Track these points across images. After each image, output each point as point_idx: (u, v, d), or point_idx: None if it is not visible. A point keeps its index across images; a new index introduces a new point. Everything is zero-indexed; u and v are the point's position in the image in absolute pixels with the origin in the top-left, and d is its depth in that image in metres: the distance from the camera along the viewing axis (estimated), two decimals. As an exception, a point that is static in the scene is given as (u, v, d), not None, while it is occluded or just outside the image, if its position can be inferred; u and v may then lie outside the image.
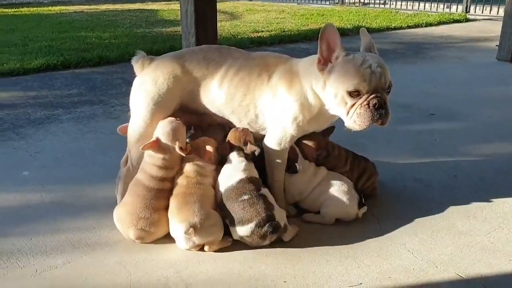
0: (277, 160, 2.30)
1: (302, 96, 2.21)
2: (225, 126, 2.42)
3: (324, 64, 2.12)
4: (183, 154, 2.19)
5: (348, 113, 2.09)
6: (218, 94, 2.30)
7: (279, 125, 2.26)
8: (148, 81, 2.30)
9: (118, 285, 1.86)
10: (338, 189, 2.31)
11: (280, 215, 2.11)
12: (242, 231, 2.06)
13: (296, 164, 2.33)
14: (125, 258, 2.02)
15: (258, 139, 2.38)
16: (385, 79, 2.07)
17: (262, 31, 7.65)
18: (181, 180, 2.18)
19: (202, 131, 2.46)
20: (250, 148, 2.24)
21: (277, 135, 2.27)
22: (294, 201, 2.42)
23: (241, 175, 2.16)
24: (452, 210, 2.45)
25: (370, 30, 7.70)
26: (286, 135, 2.26)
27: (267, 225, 2.03)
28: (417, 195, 2.63)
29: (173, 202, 2.12)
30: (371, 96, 2.04)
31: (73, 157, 3.03)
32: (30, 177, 2.76)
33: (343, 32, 7.42)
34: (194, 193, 2.11)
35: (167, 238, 2.13)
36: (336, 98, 2.09)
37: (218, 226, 2.08)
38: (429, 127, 3.68)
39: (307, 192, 2.37)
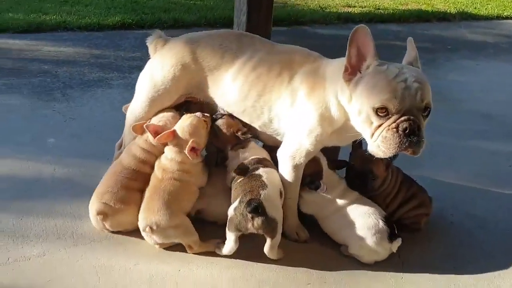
0: (290, 177, 1.99)
1: (324, 105, 1.86)
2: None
3: (352, 73, 1.76)
4: (189, 157, 1.96)
5: (372, 135, 1.73)
6: (230, 89, 2.02)
7: (295, 136, 1.94)
8: (155, 66, 2.09)
9: (80, 293, 1.72)
10: (363, 224, 1.95)
11: (273, 208, 1.83)
12: (229, 212, 1.85)
13: (320, 180, 2.01)
14: (101, 262, 1.87)
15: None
16: (422, 97, 1.67)
17: (355, 6, 7.06)
18: (157, 171, 2.01)
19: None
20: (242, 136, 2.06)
21: (292, 148, 1.95)
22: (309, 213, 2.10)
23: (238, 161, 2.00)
24: (505, 273, 1.99)
25: (477, 17, 6.84)
26: (301, 149, 1.93)
27: (246, 202, 1.78)
28: (463, 237, 2.20)
29: (146, 193, 1.96)
30: (402, 118, 1.66)
31: (104, 130, 2.92)
32: (53, 145, 2.69)
33: (443, 17, 6.63)
34: (164, 189, 1.92)
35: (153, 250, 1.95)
36: (360, 115, 1.74)
37: (182, 229, 1.90)
38: (508, 149, 3.11)
39: (325, 213, 2.05)
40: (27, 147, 2.64)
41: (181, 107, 2.17)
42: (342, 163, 2.18)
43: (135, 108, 2.15)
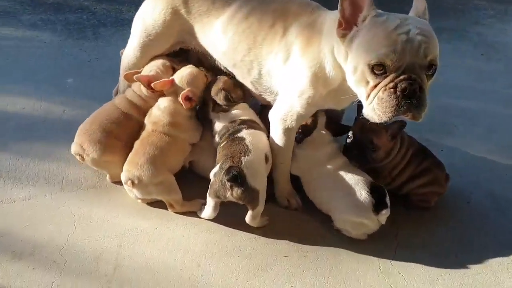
0: (280, 141, 1.84)
1: (318, 63, 1.67)
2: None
3: (347, 28, 1.54)
4: (183, 105, 1.88)
5: (368, 96, 1.52)
6: (220, 39, 1.88)
7: (287, 97, 1.77)
8: (146, 10, 1.99)
9: (53, 241, 1.73)
10: (344, 194, 1.80)
11: (255, 177, 1.72)
12: (210, 176, 1.77)
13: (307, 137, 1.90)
14: (82, 211, 1.87)
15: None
16: (426, 52, 1.44)
17: None
18: (148, 125, 1.93)
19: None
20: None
21: (283, 110, 1.79)
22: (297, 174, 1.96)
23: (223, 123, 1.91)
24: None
25: None
26: (292, 112, 1.77)
27: (226, 169, 1.68)
28: (476, 221, 1.97)
29: (134, 146, 1.90)
30: (401, 77, 1.45)
31: (124, 72, 2.87)
32: (70, 86, 2.69)
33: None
34: (152, 143, 1.86)
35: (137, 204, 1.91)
36: (355, 73, 1.53)
37: (164, 187, 1.83)
38: None
39: (307, 177, 1.91)
40: (45, 86, 2.66)
41: (178, 57, 2.06)
42: (340, 128, 1.98)
43: (128, 54, 2.07)
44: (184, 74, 1.95)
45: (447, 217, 1.99)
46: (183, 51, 2.06)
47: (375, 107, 1.50)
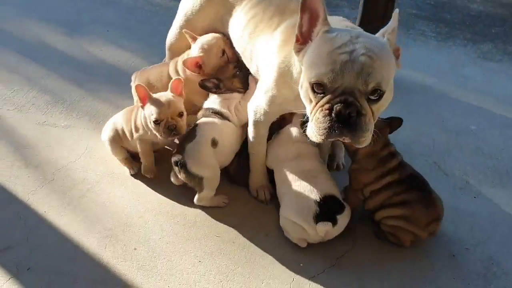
0: (250, 132, 1.89)
1: (287, 66, 1.65)
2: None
3: (303, 43, 1.51)
4: (191, 70, 2.03)
5: (310, 114, 1.49)
6: (234, 26, 1.98)
7: (258, 91, 1.82)
8: None
9: (57, 161, 2.11)
10: (293, 195, 1.78)
11: (196, 164, 1.82)
12: None
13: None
14: (95, 147, 2.21)
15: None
16: (368, 75, 1.35)
17: None
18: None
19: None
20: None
21: (255, 103, 1.83)
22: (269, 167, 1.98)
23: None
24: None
25: None
26: (260, 107, 1.80)
27: (172, 155, 1.89)
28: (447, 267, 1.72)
29: None
30: (337, 99, 1.39)
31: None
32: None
33: None
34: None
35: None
36: (301, 89, 1.52)
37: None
38: None
39: (275, 169, 1.93)
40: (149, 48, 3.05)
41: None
42: None
43: (170, 33, 2.28)
44: (202, 40, 2.05)
45: (416, 259, 1.77)
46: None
47: (313, 126, 1.45)
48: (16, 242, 1.73)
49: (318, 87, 1.41)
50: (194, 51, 2.07)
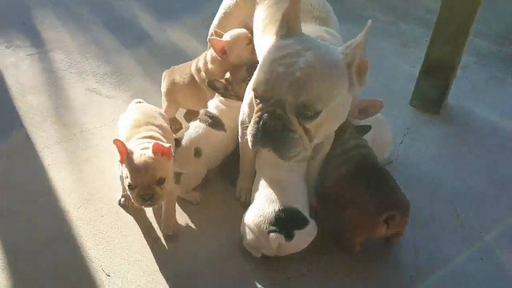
0: (239, 131, 1.86)
1: None
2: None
3: None
4: (217, 55, 2.05)
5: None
6: (254, 25, 1.97)
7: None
8: None
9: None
10: (257, 201, 1.71)
11: (181, 164, 1.86)
12: None
13: None
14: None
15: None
16: (298, 91, 1.29)
17: None
18: None
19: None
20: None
21: (245, 101, 1.79)
22: None
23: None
24: None
25: None
26: (244, 108, 1.77)
27: None
28: None
29: None
30: (267, 108, 1.36)
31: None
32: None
33: None
34: None
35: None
36: (249, 95, 1.54)
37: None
38: None
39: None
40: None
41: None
42: None
43: (211, 27, 2.31)
44: (232, 30, 2.09)
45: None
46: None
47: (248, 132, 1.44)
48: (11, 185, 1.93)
49: (255, 95, 1.39)
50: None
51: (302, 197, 1.72)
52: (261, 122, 1.35)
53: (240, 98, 1.89)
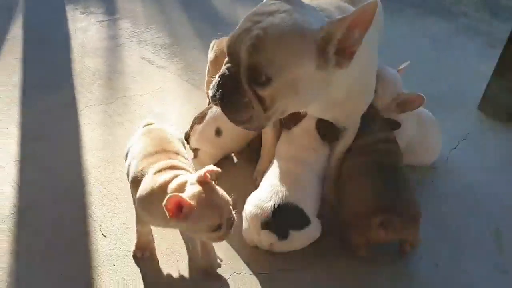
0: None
1: None
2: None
3: None
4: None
5: None
6: None
7: None
8: None
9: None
10: (260, 191, 1.60)
11: (200, 141, 1.84)
12: None
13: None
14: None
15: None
16: (251, 51, 1.18)
17: None
18: None
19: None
20: None
21: None
22: None
23: None
24: None
25: None
26: None
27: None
28: None
29: None
30: (225, 65, 1.29)
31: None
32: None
33: None
34: None
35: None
36: None
37: None
38: None
39: None
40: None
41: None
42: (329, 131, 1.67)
43: None
44: None
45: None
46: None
47: None
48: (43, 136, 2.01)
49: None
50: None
51: (311, 195, 1.58)
52: (218, 76, 1.26)
53: None
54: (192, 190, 1.23)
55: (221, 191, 1.28)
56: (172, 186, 1.28)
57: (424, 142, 1.87)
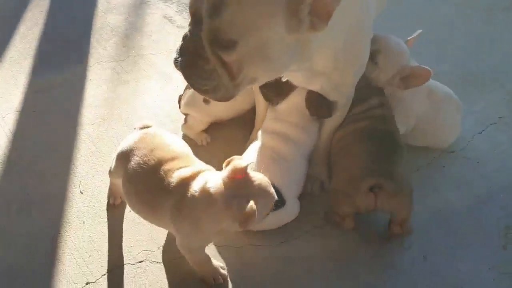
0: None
1: None
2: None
3: None
4: None
5: None
6: None
7: None
8: None
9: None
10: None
11: (188, 105, 1.76)
12: None
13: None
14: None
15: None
16: (212, 11, 1.05)
17: None
18: None
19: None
20: None
21: None
22: None
23: None
24: None
25: None
26: None
27: None
28: None
29: None
30: (188, 28, 1.17)
31: None
32: None
33: None
34: None
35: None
36: None
37: None
38: None
39: None
40: None
41: None
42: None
43: None
44: None
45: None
46: None
47: None
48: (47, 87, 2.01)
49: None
50: None
51: (291, 175, 1.46)
52: (182, 41, 1.14)
53: None
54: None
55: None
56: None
57: (437, 120, 1.67)
